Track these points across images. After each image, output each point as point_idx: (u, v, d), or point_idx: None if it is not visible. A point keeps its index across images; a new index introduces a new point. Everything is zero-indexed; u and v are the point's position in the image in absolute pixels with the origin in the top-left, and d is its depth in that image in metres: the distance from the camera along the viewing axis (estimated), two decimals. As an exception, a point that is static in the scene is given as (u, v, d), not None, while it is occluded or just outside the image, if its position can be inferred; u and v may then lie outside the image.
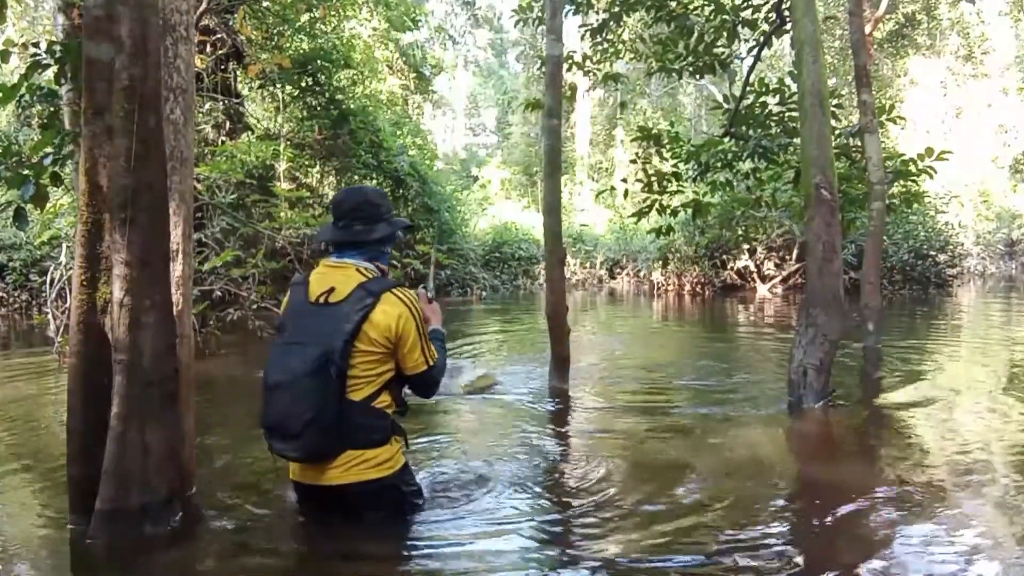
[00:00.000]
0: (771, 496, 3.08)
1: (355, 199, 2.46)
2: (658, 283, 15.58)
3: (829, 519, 2.84)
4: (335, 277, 2.36)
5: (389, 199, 2.59)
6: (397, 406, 2.43)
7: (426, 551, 2.47)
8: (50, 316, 7.34)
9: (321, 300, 2.31)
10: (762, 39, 7.12)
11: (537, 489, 3.18)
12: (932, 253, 14.15)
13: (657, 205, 7.14)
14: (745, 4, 6.97)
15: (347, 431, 2.24)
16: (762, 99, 6.92)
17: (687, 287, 14.90)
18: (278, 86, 11.11)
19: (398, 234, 2.57)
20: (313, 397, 2.18)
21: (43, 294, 8.91)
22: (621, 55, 8.54)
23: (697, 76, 7.55)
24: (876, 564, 2.42)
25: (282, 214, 9.21)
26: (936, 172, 6.92)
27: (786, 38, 8.15)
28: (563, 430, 4.36)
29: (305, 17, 10.83)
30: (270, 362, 2.32)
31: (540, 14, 7.83)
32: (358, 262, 2.40)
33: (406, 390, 2.52)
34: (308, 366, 2.19)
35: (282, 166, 10.75)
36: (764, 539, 2.62)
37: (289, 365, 2.23)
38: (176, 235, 2.83)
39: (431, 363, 2.41)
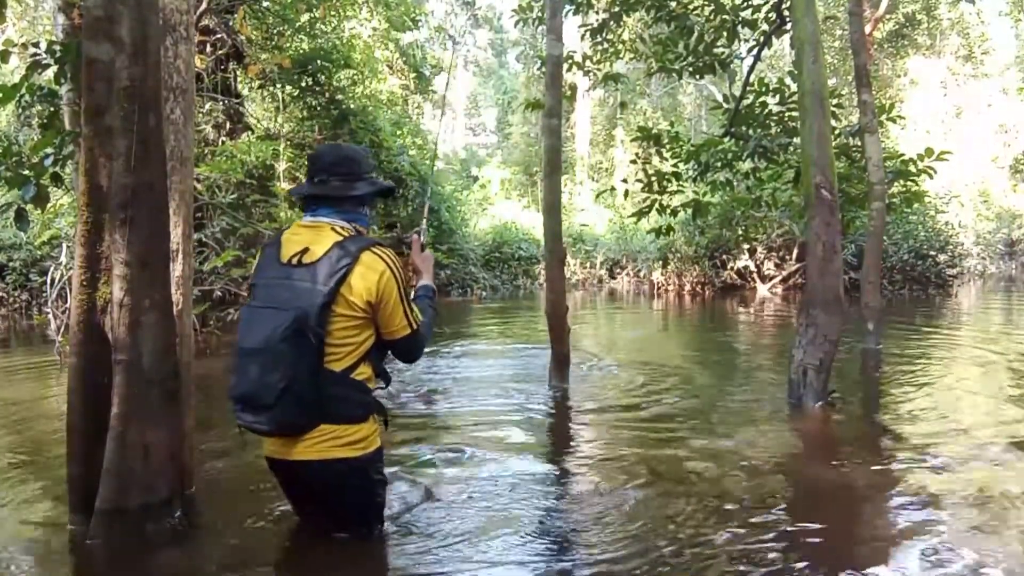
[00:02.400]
0: (771, 496, 3.07)
1: (335, 154, 2.29)
2: (658, 283, 15.58)
3: (829, 518, 2.84)
4: (309, 236, 2.18)
5: (372, 160, 2.38)
6: (378, 377, 2.24)
7: (424, 559, 2.47)
8: (50, 316, 7.34)
9: (294, 261, 2.13)
10: (762, 39, 7.12)
11: (536, 495, 3.19)
12: (932, 253, 14.15)
13: (657, 205, 7.15)
14: (745, 4, 6.97)
15: (324, 403, 2.07)
16: (762, 99, 6.93)
17: (687, 287, 14.90)
18: (278, 86, 11.11)
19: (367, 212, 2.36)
20: (288, 365, 2.01)
21: (44, 294, 8.92)
22: (621, 55, 8.54)
23: (697, 76, 7.55)
24: (876, 563, 2.42)
25: (282, 214, 9.21)
26: (936, 172, 6.93)
27: (786, 38, 8.15)
28: (563, 432, 4.36)
29: (305, 17, 10.82)
30: (241, 329, 2.15)
31: (540, 14, 7.83)
32: (333, 220, 2.21)
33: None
34: (282, 332, 2.01)
35: (282, 166, 10.73)
36: (764, 539, 2.62)
37: (262, 331, 2.06)
38: (176, 235, 2.84)
39: (414, 327, 2.20)
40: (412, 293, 2.37)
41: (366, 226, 2.32)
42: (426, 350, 2.39)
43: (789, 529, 2.74)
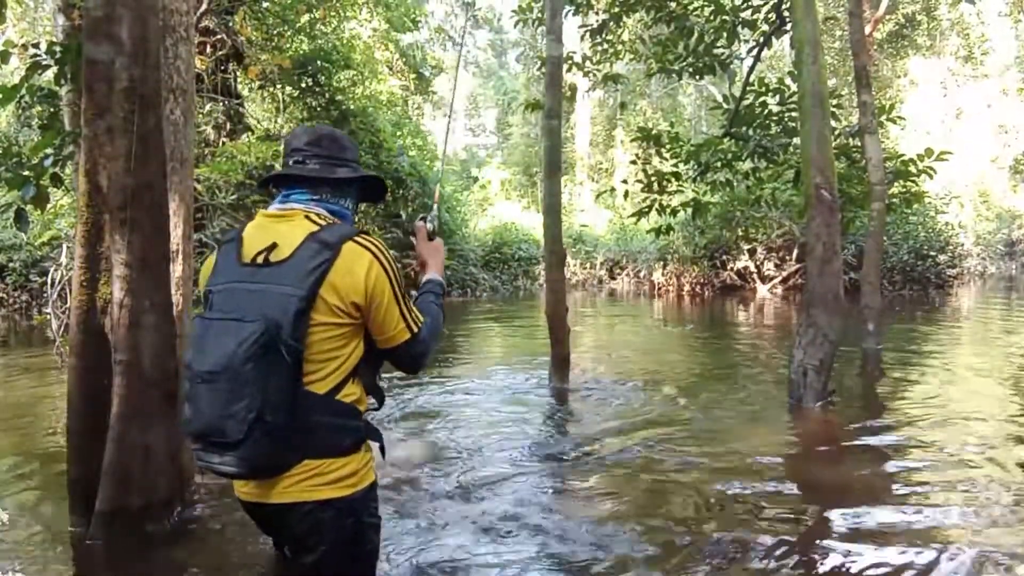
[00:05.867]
0: (771, 495, 3.07)
1: (314, 133, 1.89)
2: (658, 283, 15.58)
3: (829, 518, 2.84)
4: (277, 229, 1.77)
5: (357, 150, 1.98)
6: (371, 396, 1.84)
7: (420, 556, 2.48)
8: (51, 317, 7.35)
9: (259, 260, 1.73)
10: (762, 40, 7.13)
11: (534, 493, 3.19)
12: (932, 253, 14.16)
13: (657, 205, 7.15)
14: (745, 5, 6.97)
15: (306, 435, 1.68)
16: (762, 99, 6.93)
17: (687, 287, 14.91)
18: (278, 87, 11.13)
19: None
20: (256, 390, 1.62)
21: (44, 295, 8.93)
22: (621, 56, 8.55)
23: (697, 77, 7.55)
24: (875, 562, 2.42)
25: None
26: (936, 172, 6.93)
27: (786, 38, 8.16)
28: (563, 432, 4.36)
29: (305, 18, 10.84)
30: (194, 346, 1.72)
31: (540, 15, 7.84)
32: (308, 207, 1.80)
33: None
34: (247, 349, 1.62)
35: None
36: (765, 538, 2.62)
37: (221, 349, 1.65)
38: (176, 236, 2.84)
39: (415, 330, 1.79)
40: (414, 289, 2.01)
41: (350, 223, 1.92)
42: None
43: (788, 528, 2.74)
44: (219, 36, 9.55)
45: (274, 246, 1.73)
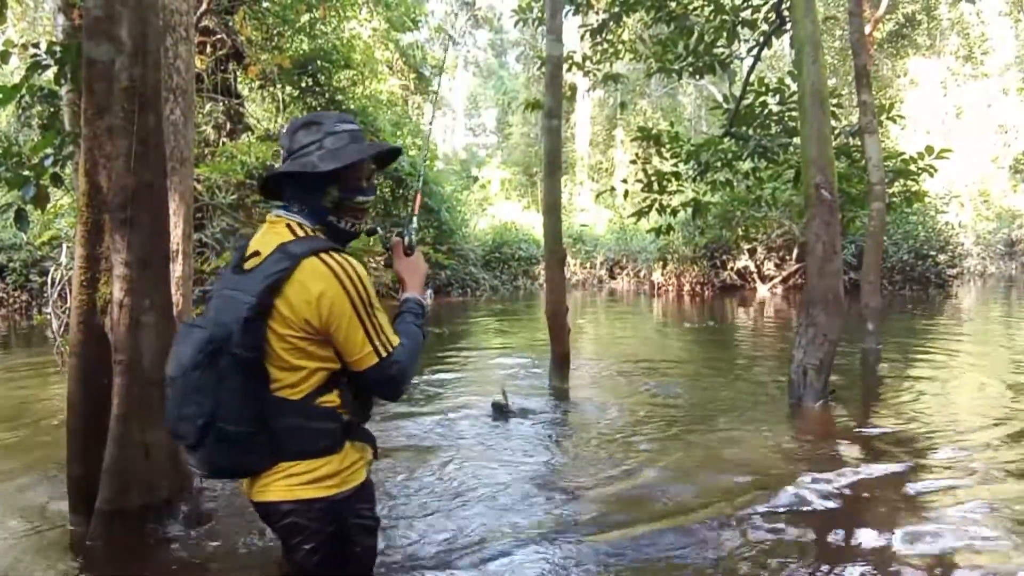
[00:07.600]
0: (771, 495, 3.08)
1: (298, 123, 1.78)
2: (658, 283, 15.58)
3: (828, 517, 2.84)
4: (268, 234, 1.74)
5: (362, 132, 1.83)
6: (354, 414, 1.73)
7: (420, 551, 2.48)
8: (51, 317, 7.35)
9: (243, 267, 1.72)
10: (762, 39, 7.12)
11: (531, 492, 3.19)
12: (932, 253, 14.16)
13: (657, 205, 7.15)
14: (745, 4, 6.97)
15: (274, 439, 1.64)
16: (762, 99, 6.93)
17: (687, 287, 14.91)
18: (278, 86, 11.12)
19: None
20: (205, 396, 1.61)
21: (44, 295, 8.93)
22: (621, 55, 8.54)
23: (697, 76, 7.55)
24: (873, 562, 2.42)
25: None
26: (937, 170, 6.93)
27: (786, 38, 8.16)
28: (563, 430, 4.36)
29: (305, 17, 10.83)
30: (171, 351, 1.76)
31: (540, 14, 7.84)
32: (290, 216, 1.74)
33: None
34: (192, 356, 1.62)
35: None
36: (764, 537, 2.62)
37: (177, 355, 1.67)
38: (176, 235, 2.85)
39: (385, 354, 1.67)
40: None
41: (322, 216, 1.77)
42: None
43: (787, 527, 2.74)
44: (219, 36, 9.54)
45: (256, 254, 1.70)
